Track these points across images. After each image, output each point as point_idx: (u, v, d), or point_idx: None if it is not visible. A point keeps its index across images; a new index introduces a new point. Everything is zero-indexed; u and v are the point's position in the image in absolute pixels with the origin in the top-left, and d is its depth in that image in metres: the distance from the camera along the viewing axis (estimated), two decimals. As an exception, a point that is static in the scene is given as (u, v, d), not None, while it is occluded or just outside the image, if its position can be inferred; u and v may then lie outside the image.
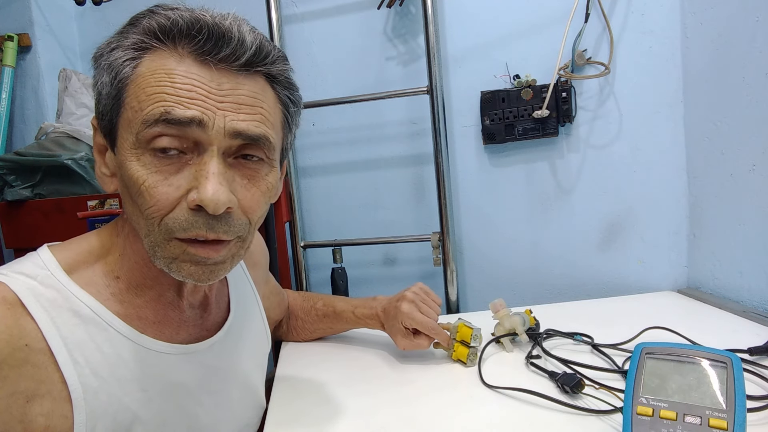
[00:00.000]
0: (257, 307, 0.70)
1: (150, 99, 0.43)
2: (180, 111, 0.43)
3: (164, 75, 0.44)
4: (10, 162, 1.09)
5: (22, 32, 1.33)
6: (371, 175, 1.30)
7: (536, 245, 1.24)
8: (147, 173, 0.44)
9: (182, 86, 0.44)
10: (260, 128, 0.47)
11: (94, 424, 0.46)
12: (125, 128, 0.45)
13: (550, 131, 1.17)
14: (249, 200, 0.48)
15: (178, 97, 0.43)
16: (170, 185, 0.44)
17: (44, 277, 0.47)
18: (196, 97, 0.44)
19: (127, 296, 0.51)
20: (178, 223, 0.44)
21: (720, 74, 1.00)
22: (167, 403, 0.52)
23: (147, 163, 0.44)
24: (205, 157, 0.45)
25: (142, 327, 0.51)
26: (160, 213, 0.44)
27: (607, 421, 0.58)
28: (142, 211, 0.45)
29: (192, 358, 0.55)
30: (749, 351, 0.71)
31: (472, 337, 0.76)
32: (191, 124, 0.43)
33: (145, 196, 0.44)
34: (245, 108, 0.46)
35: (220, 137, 0.45)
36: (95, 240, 0.53)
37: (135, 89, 0.45)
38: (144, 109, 0.43)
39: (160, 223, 0.45)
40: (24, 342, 0.43)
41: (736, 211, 0.99)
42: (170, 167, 0.44)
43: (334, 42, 1.28)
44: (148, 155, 0.44)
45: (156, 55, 0.45)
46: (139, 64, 0.45)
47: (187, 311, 0.56)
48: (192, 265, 0.46)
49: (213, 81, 0.45)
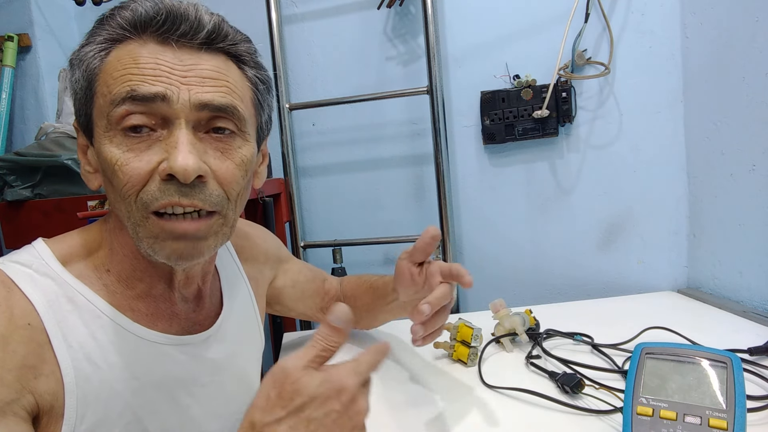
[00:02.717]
0: (251, 303, 0.70)
1: (116, 81, 0.45)
2: (145, 88, 0.45)
3: (129, 59, 0.46)
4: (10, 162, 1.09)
5: (22, 32, 1.33)
6: (371, 175, 1.30)
7: (536, 245, 1.24)
8: (119, 152, 0.45)
9: (146, 66, 0.45)
10: (226, 98, 0.48)
11: (84, 410, 0.46)
12: (98, 116, 0.47)
13: (550, 131, 1.17)
14: (223, 171, 0.49)
15: (142, 76, 0.45)
16: (141, 160, 0.45)
17: (39, 265, 0.48)
18: (160, 74, 0.45)
19: (119, 288, 0.52)
20: (151, 194, 0.45)
21: (720, 74, 1.00)
22: (159, 393, 0.53)
23: (119, 143, 0.45)
24: (173, 129, 0.46)
25: (135, 317, 0.52)
26: (134, 189, 0.45)
27: (607, 421, 0.58)
28: (119, 192, 0.46)
29: (185, 350, 0.55)
30: (749, 351, 0.71)
31: (473, 337, 0.76)
32: (156, 99, 0.45)
33: (119, 174, 0.45)
34: (209, 81, 0.47)
35: (187, 110, 0.46)
36: (87, 235, 0.54)
37: (104, 77, 0.46)
38: (112, 92, 0.45)
39: (136, 200, 0.46)
40: (26, 321, 0.44)
41: (736, 211, 0.99)
42: (141, 144, 0.46)
43: (334, 42, 1.28)
44: (120, 136, 0.46)
45: (123, 44, 0.47)
46: (108, 54, 0.47)
47: (179, 304, 0.57)
48: (173, 242, 0.47)
49: (175, 58, 0.46)
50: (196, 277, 0.58)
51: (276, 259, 0.80)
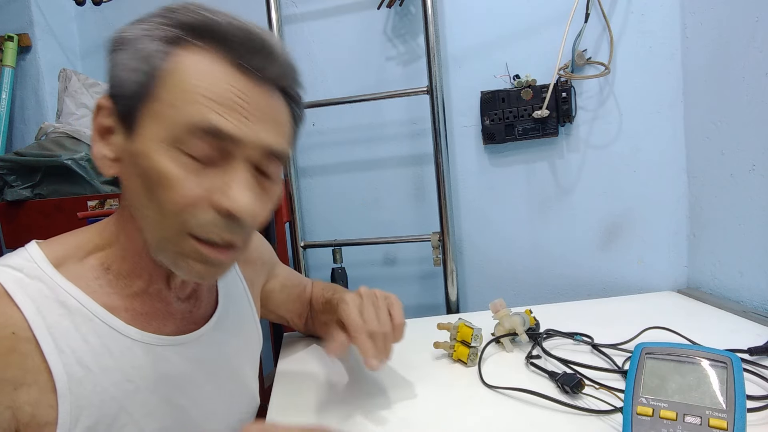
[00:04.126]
0: (248, 304, 0.70)
1: (192, 103, 0.44)
2: (224, 124, 0.44)
3: (204, 79, 0.44)
4: (10, 162, 1.09)
5: (22, 32, 1.33)
6: (371, 175, 1.30)
7: (536, 245, 1.24)
8: (174, 167, 0.44)
9: (223, 94, 0.44)
10: (284, 145, 0.49)
11: (78, 414, 0.46)
12: (153, 120, 0.45)
13: (550, 131, 1.17)
14: (262, 212, 0.50)
15: (221, 107, 0.44)
16: (196, 185, 0.45)
17: (30, 269, 0.47)
18: (237, 110, 0.45)
19: (116, 288, 0.52)
20: (201, 222, 0.46)
21: (720, 74, 1.00)
22: (153, 395, 0.52)
23: (176, 158, 0.45)
24: (236, 164, 0.46)
25: (128, 319, 0.51)
26: (181, 208, 0.45)
27: (607, 421, 0.58)
28: (158, 203, 0.45)
29: (179, 350, 0.55)
30: (749, 351, 0.71)
31: (473, 337, 0.76)
32: (230, 138, 0.45)
33: (169, 191, 0.44)
34: (274, 125, 0.48)
35: (252, 150, 0.46)
36: (84, 236, 0.53)
37: (171, 86, 0.44)
38: (183, 112, 0.44)
39: (177, 218, 0.45)
40: (10, 330, 0.43)
41: (736, 211, 0.99)
42: (198, 166, 0.45)
43: (334, 42, 1.28)
44: (178, 152, 0.45)
45: (194, 53, 0.45)
46: (175, 58, 0.45)
47: (174, 304, 0.57)
48: (200, 264, 0.48)
49: (252, 94, 0.46)
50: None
51: (269, 264, 0.81)
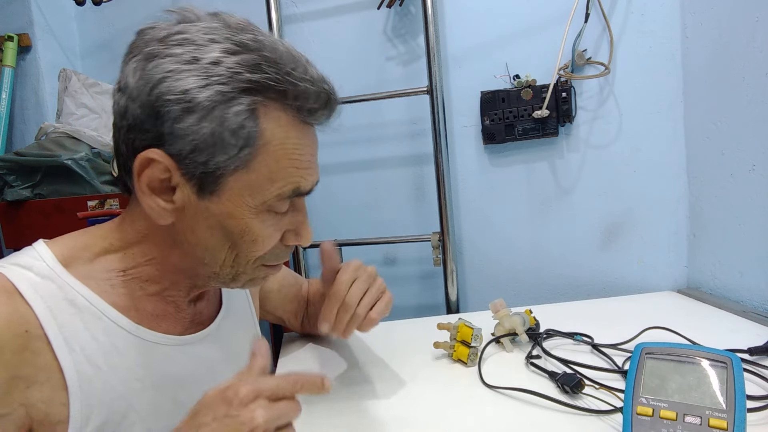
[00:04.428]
0: (247, 304, 0.71)
1: (285, 173, 0.48)
2: (306, 185, 0.51)
3: (292, 147, 0.48)
4: (10, 162, 1.09)
5: (22, 32, 1.33)
6: (371, 175, 1.30)
7: (536, 245, 1.24)
8: (265, 228, 0.50)
9: (303, 159, 0.49)
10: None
11: (89, 413, 0.46)
12: (244, 187, 0.47)
13: (550, 131, 1.17)
14: None
15: (304, 170, 0.50)
16: (279, 233, 0.52)
17: (40, 268, 0.48)
18: (311, 166, 0.51)
19: (128, 288, 0.52)
20: (275, 256, 0.54)
21: (720, 74, 1.00)
22: (161, 394, 0.53)
23: (265, 220, 0.50)
24: (301, 207, 0.54)
25: (138, 318, 0.52)
26: (264, 254, 0.52)
27: (607, 421, 0.58)
28: (240, 252, 0.51)
29: (186, 350, 0.56)
30: (749, 351, 0.71)
31: (473, 337, 0.76)
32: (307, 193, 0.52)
33: (258, 245, 0.50)
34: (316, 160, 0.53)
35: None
36: (91, 237, 0.53)
37: (266, 158, 0.47)
38: (278, 183, 0.48)
39: (257, 259, 0.52)
40: (24, 328, 0.44)
41: (736, 211, 0.99)
42: (279, 217, 0.52)
43: (334, 42, 1.28)
44: (266, 213, 0.50)
45: (270, 116, 0.47)
46: (260, 125, 0.46)
47: (184, 306, 0.57)
48: (262, 279, 0.56)
49: (314, 144, 0.52)
50: None
51: None
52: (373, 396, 0.70)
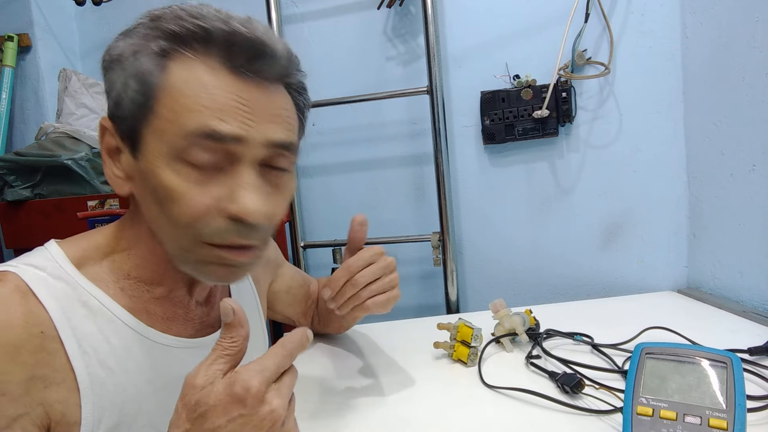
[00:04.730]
0: (256, 307, 0.71)
1: (189, 113, 0.43)
2: (223, 127, 0.43)
3: (200, 88, 0.44)
4: (10, 162, 1.09)
5: (22, 32, 1.33)
6: (371, 175, 1.30)
7: (536, 245, 1.24)
8: (181, 181, 0.44)
9: (220, 99, 0.44)
10: (290, 136, 0.48)
11: (101, 415, 0.46)
12: (155, 137, 0.45)
13: (550, 131, 1.17)
14: (275, 208, 0.49)
15: (219, 112, 0.44)
16: (204, 195, 0.45)
17: (53, 268, 0.47)
18: (235, 112, 0.44)
19: (136, 291, 0.52)
20: (214, 231, 0.45)
21: (720, 74, 1.00)
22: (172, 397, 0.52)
23: (181, 172, 0.44)
24: (241, 168, 0.45)
25: (149, 321, 0.52)
26: (193, 220, 0.45)
27: (607, 421, 0.58)
28: (170, 217, 0.45)
29: (197, 353, 0.55)
30: (749, 351, 0.71)
31: (473, 337, 0.76)
32: (231, 140, 0.44)
33: (179, 204, 0.44)
34: (277, 118, 0.47)
35: (257, 149, 0.46)
36: (102, 237, 0.53)
37: (168, 100, 0.44)
38: (181, 123, 0.43)
39: (190, 229, 0.45)
40: (39, 329, 0.44)
41: (736, 211, 0.99)
42: (204, 176, 0.45)
43: (334, 42, 1.28)
44: (182, 164, 0.44)
45: (185, 63, 0.44)
46: (168, 71, 0.44)
47: (193, 308, 0.57)
48: (221, 268, 0.48)
49: (248, 93, 0.45)
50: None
51: (275, 263, 0.81)
52: (373, 396, 0.70)
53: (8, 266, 0.46)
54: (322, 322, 0.88)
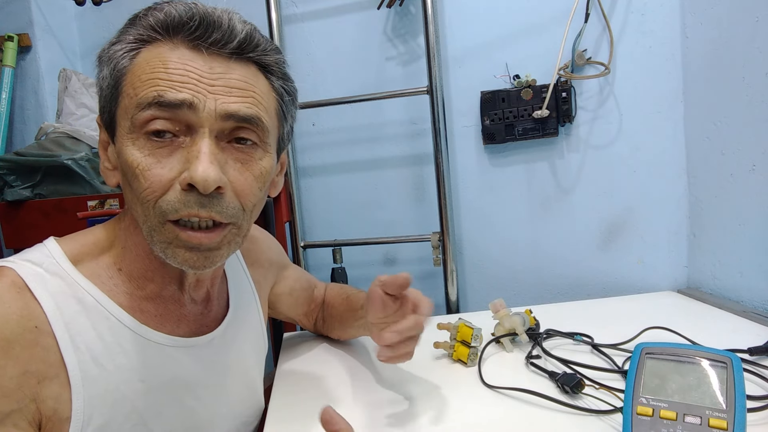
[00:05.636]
0: (256, 308, 0.70)
1: (144, 84, 0.45)
2: (172, 94, 0.44)
3: (158, 62, 0.46)
4: (10, 162, 1.09)
5: (22, 32, 1.33)
6: (371, 175, 1.30)
7: (536, 245, 1.24)
8: (141, 156, 0.45)
9: (174, 71, 0.45)
10: (252, 109, 0.48)
11: (92, 412, 0.46)
12: (122, 116, 0.47)
13: (550, 131, 1.17)
14: (242, 183, 0.48)
15: (170, 81, 0.45)
16: (163, 167, 0.45)
17: (50, 264, 0.48)
18: (188, 81, 0.45)
19: (130, 288, 0.52)
20: (171, 204, 0.45)
21: (720, 74, 1.00)
22: (164, 396, 0.53)
23: (141, 146, 0.46)
24: (197, 138, 0.46)
25: (143, 319, 0.52)
26: (154, 195, 0.45)
27: (607, 421, 0.58)
28: (137, 195, 0.46)
29: (191, 352, 0.55)
30: (749, 351, 0.71)
31: (473, 337, 0.76)
32: (182, 107, 0.44)
33: (140, 178, 0.45)
34: (236, 91, 0.47)
35: (212, 119, 0.46)
36: (100, 233, 0.54)
37: (131, 78, 0.46)
38: (138, 95, 0.45)
39: (154, 206, 0.46)
40: (33, 324, 0.44)
41: (736, 211, 0.99)
42: (164, 150, 0.46)
43: (334, 42, 1.28)
44: (143, 139, 0.46)
45: (153, 46, 0.47)
46: (137, 55, 0.47)
47: (188, 306, 0.57)
48: (186, 251, 0.47)
49: (205, 65, 0.46)
50: (206, 280, 0.58)
51: (278, 265, 0.81)
52: (373, 396, 0.70)
53: (6, 262, 0.47)
54: (327, 327, 0.88)
